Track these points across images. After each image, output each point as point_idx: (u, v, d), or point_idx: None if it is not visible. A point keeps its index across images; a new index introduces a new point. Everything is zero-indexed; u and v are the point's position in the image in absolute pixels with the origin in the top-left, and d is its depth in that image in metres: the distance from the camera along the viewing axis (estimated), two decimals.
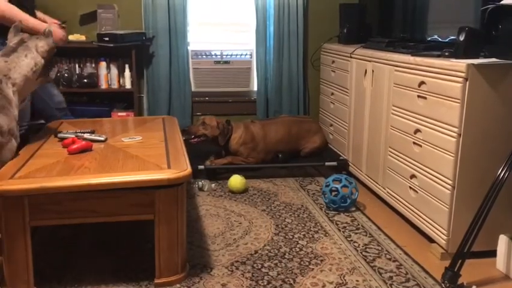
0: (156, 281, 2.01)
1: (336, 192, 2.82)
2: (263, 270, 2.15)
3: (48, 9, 3.76)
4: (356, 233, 2.54)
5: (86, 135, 2.41)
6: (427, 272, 2.15)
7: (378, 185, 2.94)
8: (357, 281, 2.07)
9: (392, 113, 2.70)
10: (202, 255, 2.27)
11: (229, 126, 3.39)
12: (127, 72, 3.76)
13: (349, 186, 2.81)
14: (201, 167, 3.24)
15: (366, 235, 2.52)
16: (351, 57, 3.28)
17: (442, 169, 2.24)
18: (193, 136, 3.32)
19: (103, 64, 3.74)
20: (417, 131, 2.45)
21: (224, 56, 4.07)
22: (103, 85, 3.75)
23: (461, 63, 2.09)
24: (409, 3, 3.06)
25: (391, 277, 2.11)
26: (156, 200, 1.93)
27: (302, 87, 4.10)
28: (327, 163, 3.42)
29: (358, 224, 2.65)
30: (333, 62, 3.64)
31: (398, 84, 2.63)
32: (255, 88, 4.11)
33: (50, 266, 2.16)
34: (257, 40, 3.97)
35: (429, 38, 2.78)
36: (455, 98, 2.14)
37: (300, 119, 3.68)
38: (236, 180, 3.09)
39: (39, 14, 2.96)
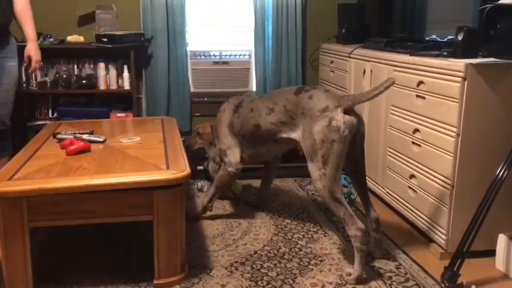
0: (156, 281, 2.00)
1: None
2: (262, 270, 2.15)
3: (47, 11, 3.76)
4: None
5: (85, 136, 2.41)
6: (426, 272, 2.15)
7: (377, 185, 2.94)
8: None
9: (391, 113, 2.70)
10: (202, 256, 2.27)
11: None
12: (126, 73, 3.76)
13: (348, 186, 2.81)
14: (200, 167, 3.24)
15: None
16: (349, 57, 3.28)
17: (441, 169, 2.24)
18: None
19: (102, 65, 3.73)
20: (416, 130, 2.45)
21: (223, 57, 4.07)
22: (102, 86, 3.75)
23: (460, 63, 2.10)
24: (408, 3, 3.06)
25: (390, 277, 2.11)
26: (155, 201, 1.92)
27: None
28: None
29: None
30: (332, 62, 3.64)
31: (397, 84, 2.63)
32: (254, 88, 4.10)
33: (48, 268, 2.15)
34: (256, 40, 3.97)
35: (428, 38, 2.78)
36: (453, 98, 2.14)
37: None
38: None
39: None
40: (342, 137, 2.00)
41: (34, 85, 3.76)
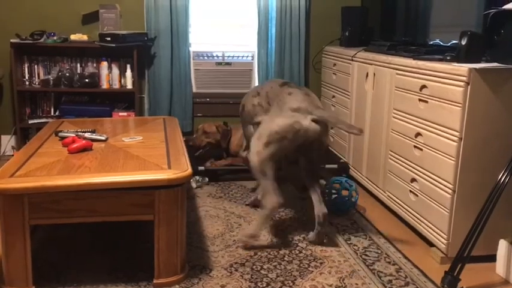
0: (155, 281, 2.00)
1: (336, 195, 2.82)
2: (262, 272, 2.14)
3: (51, 9, 3.77)
4: (356, 236, 2.53)
5: (87, 135, 2.41)
6: (426, 276, 2.14)
7: (378, 188, 2.93)
8: (356, 284, 2.07)
9: (393, 117, 2.70)
10: (202, 256, 2.27)
11: (227, 128, 3.42)
12: (128, 73, 3.76)
13: (349, 189, 2.81)
14: (201, 168, 3.24)
15: (366, 238, 2.51)
16: (352, 60, 3.28)
17: (443, 173, 2.23)
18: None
19: (104, 64, 3.74)
20: (418, 134, 2.44)
21: (225, 58, 4.07)
22: (104, 85, 3.75)
23: (463, 68, 2.09)
24: (411, 7, 3.06)
25: (390, 280, 2.10)
26: (156, 201, 1.92)
27: None
28: (327, 166, 3.42)
29: (358, 227, 2.65)
30: (335, 64, 3.64)
31: (399, 87, 2.63)
32: None
33: (48, 265, 2.15)
34: (259, 42, 3.97)
35: (431, 42, 2.78)
36: (456, 102, 2.13)
37: None
38: None
39: None
40: (295, 138, 2.12)
41: (37, 83, 3.77)
